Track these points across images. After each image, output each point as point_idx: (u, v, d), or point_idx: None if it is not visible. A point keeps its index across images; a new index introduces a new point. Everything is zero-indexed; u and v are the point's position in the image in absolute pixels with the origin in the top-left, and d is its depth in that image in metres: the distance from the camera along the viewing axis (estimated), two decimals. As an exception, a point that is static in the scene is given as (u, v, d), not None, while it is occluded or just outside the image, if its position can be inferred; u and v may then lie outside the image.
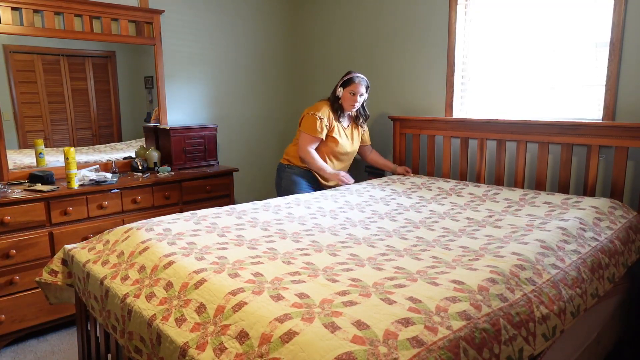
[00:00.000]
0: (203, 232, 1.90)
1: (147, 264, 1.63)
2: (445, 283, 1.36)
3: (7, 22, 2.65)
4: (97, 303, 1.69)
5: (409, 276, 1.42)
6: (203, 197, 3.14)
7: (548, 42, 2.67)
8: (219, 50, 3.70)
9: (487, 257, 1.59)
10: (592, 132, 2.39)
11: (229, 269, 1.49)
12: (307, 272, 1.46)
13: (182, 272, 1.49)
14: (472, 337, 1.15)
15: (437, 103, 3.21)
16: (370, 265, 1.54)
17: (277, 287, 1.34)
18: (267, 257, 1.61)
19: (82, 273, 1.80)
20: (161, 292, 1.46)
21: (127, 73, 3.24)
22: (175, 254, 1.64)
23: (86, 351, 2.02)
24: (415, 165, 3.24)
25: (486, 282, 1.37)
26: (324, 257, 1.62)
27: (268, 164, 4.17)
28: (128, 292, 1.53)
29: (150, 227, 1.92)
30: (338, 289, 1.32)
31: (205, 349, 1.19)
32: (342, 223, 2.10)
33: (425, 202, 2.48)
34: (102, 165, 3.05)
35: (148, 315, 1.39)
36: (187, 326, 1.29)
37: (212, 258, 1.59)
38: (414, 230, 1.98)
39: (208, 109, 3.71)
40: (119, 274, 1.65)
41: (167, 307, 1.39)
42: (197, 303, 1.34)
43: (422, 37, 3.24)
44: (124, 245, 1.81)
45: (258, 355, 1.10)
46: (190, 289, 1.41)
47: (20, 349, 2.48)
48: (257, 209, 2.32)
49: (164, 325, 1.32)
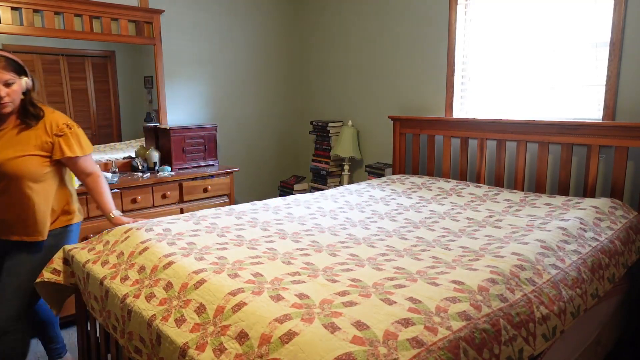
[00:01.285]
0: (203, 233, 1.90)
1: (147, 264, 1.63)
2: (445, 283, 1.36)
3: (7, 22, 2.65)
4: (97, 303, 1.69)
5: (409, 276, 1.42)
6: (203, 197, 3.14)
7: (548, 42, 2.67)
8: (219, 50, 3.69)
9: (487, 257, 1.59)
10: (592, 132, 2.39)
11: (229, 269, 1.49)
12: (307, 273, 1.46)
13: (182, 273, 1.49)
14: (472, 338, 1.15)
15: (437, 103, 3.21)
16: (370, 265, 1.54)
17: (277, 287, 1.34)
18: (266, 257, 1.61)
19: (82, 273, 1.80)
20: (161, 292, 1.46)
21: (127, 73, 3.24)
22: (175, 254, 1.63)
23: (86, 351, 2.02)
24: (415, 165, 3.24)
25: (486, 283, 1.37)
26: (323, 257, 1.62)
27: (268, 164, 4.17)
28: (128, 292, 1.53)
29: (150, 227, 1.92)
30: (338, 289, 1.32)
31: (205, 349, 1.19)
32: (342, 223, 2.10)
33: (425, 202, 2.48)
34: (102, 165, 3.05)
35: (148, 316, 1.39)
36: (187, 326, 1.29)
37: (212, 258, 1.59)
38: (414, 231, 1.98)
39: (208, 109, 3.70)
40: (119, 274, 1.65)
41: (167, 308, 1.38)
42: (197, 303, 1.34)
43: (422, 37, 3.24)
44: (124, 245, 1.81)
45: (258, 355, 1.10)
46: (190, 289, 1.40)
47: (20, 349, 2.47)
48: (256, 209, 2.32)
49: (164, 326, 1.32)
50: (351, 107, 3.83)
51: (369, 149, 3.73)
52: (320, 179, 3.91)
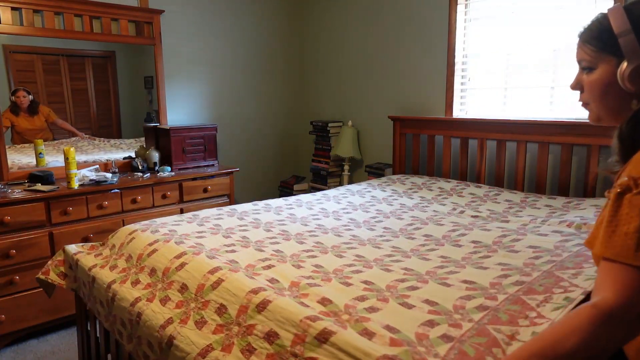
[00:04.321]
0: (208, 234, 1.89)
1: (158, 266, 1.61)
2: (457, 283, 1.37)
3: (7, 22, 2.65)
4: (103, 308, 1.67)
5: (419, 277, 1.43)
6: (203, 197, 3.14)
7: (548, 42, 2.67)
8: (219, 50, 3.69)
9: (500, 252, 1.62)
10: (592, 132, 2.39)
11: (244, 272, 1.47)
12: (320, 276, 1.45)
13: (197, 274, 1.47)
14: (497, 319, 1.15)
15: (437, 103, 3.20)
16: (378, 266, 1.54)
17: (297, 293, 1.32)
18: (276, 260, 1.60)
19: (87, 278, 1.78)
20: (176, 295, 1.44)
21: (127, 73, 3.24)
22: (186, 253, 1.62)
23: (86, 351, 2.02)
24: (415, 165, 3.24)
25: (498, 279, 1.38)
26: (330, 259, 1.62)
27: (268, 164, 4.17)
28: (140, 296, 1.50)
29: (156, 229, 1.91)
30: (355, 293, 1.31)
31: (232, 350, 1.17)
32: (345, 224, 2.10)
33: (427, 203, 2.48)
34: (102, 165, 3.05)
35: (164, 319, 1.36)
36: (209, 328, 1.26)
37: (224, 260, 1.58)
38: (422, 228, 2.00)
39: (208, 109, 3.70)
40: (129, 278, 1.63)
41: (185, 310, 1.36)
42: (217, 304, 1.32)
43: (422, 37, 3.24)
44: (130, 247, 1.80)
45: (292, 354, 1.08)
46: (207, 290, 1.38)
47: (20, 349, 2.48)
48: (258, 209, 2.31)
49: (183, 329, 1.30)
50: (351, 107, 3.83)
51: (369, 149, 3.73)
52: (320, 179, 3.91)
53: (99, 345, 1.90)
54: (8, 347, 2.49)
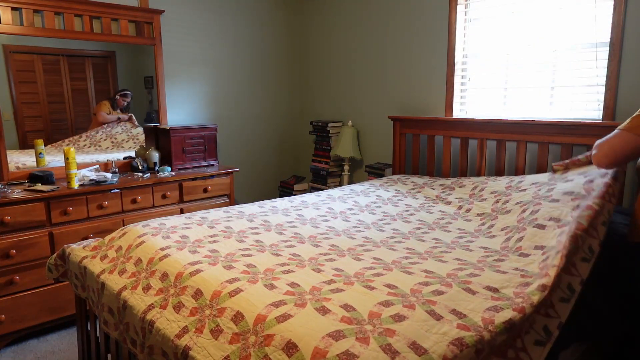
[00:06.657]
0: (221, 237, 1.88)
1: (170, 271, 1.58)
2: (481, 290, 1.38)
3: (7, 22, 2.65)
4: (112, 316, 1.62)
5: (442, 280, 1.43)
6: (203, 197, 3.14)
7: (548, 42, 2.67)
8: (219, 50, 3.70)
9: (512, 257, 1.64)
10: (592, 132, 2.39)
11: (262, 279, 1.45)
12: (341, 280, 1.44)
13: (213, 280, 1.45)
14: None
15: (437, 103, 3.21)
16: (397, 269, 1.54)
17: (319, 298, 1.31)
18: (294, 265, 1.58)
19: (97, 284, 1.73)
20: (190, 301, 1.41)
21: (127, 73, 3.24)
22: (201, 262, 1.60)
23: (86, 351, 2.02)
24: (415, 165, 3.24)
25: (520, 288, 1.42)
26: (349, 262, 1.61)
27: (268, 164, 4.17)
28: (153, 302, 1.47)
29: (167, 234, 1.89)
30: (379, 298, 1.31)
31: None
32: (355, 225, 2.11)
33: (432, 203, 2.50)
34: (102, 165, 3.05)
35: (179, 328, 1.33)
36: (225, 337, 1.24)
37: (241, 266, 1.56)
38: (430, 232, 2.01)
39: (208, 109, 3.71)
40: (140, 283, 1.60)
41: (200, 318, 1.33)
42: (233, 312, 1.29)
43: (422, 37, 3.24)
44: (140, 251, 1.76)
45: None
46: (224, 297, 1.36)
47: (20, 349, 2.48)
48: (265, 211, 2.30)
49: (199, 338, 1.27)
50: (351, 107, 3.83)
51: (369, 149, 3.73)
52: (320, 179, 3.91)
53: (99, 345, 1.90)
54: (8, 347, 2.49)
